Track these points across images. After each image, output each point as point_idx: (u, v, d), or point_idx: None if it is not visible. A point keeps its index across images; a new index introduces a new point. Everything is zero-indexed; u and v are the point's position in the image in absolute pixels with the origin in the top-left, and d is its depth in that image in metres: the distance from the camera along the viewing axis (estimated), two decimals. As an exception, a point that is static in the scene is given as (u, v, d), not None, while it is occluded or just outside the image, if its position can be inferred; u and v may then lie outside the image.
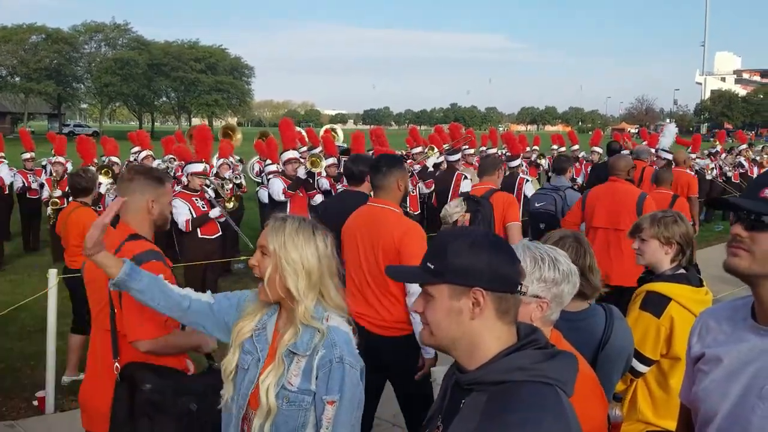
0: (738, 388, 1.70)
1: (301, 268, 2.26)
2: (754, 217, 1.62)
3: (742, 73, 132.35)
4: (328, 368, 2.23)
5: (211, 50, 73.42)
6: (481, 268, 1.58)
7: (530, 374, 1.53)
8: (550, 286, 2.05)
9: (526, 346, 1.59)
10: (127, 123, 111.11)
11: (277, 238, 2.29)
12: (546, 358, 1.57)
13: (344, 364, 2.23)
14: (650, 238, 3.20)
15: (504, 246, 1.66)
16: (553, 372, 1.54)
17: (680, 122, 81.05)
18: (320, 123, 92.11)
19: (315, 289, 2.29)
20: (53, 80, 61.64)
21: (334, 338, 2.26)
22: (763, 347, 1.68)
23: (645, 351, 3.02)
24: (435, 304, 1.63)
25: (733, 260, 1.67)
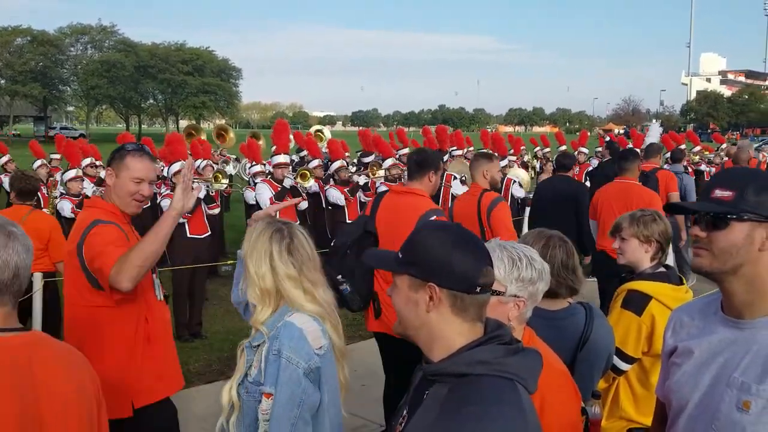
0: (708, 378, 1.77)
1: (255, 277, 2.34)
2: (709, 218, 1.72)
3: (727, 74, 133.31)
4: (267, 359, 2.27)
5: (198, 52, 73.14)
6: (440, 265, 1.60)
7: (491, 368, 1.55)
8: (527, 285, 2.07)
9: (490, 341, 1.61)
10: (114, 126, 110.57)
11: (243, 248, 2.42)
12: (509, 353, 1.59)
13: (281, 358, 2.24)
14: (630, 237, 3.24)
15: (473, 246, 1.65)
16: (515, 367, 1.57)
17: (666, 123, 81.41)
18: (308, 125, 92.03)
19: (268, 298, 2.34)
20: (39, 83, 61.22)
21: (279, 332, 2.28)
22: (732, 338, 1.75)
23: (627, 349, 3.05)
24: (398, 292, 1.69)
25: (696, 260, 1.78)
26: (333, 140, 11.81)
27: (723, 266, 1.72)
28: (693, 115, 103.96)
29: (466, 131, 57.98)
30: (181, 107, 73.42)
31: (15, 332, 1.80)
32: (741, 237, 1.68)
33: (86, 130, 65.80)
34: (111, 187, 3.33)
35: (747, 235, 1.68)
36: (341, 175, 9.38)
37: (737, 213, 1.68)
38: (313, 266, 2.41)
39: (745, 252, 1.69)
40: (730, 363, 1.72)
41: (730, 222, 1.69)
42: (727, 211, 1.69)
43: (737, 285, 1.72)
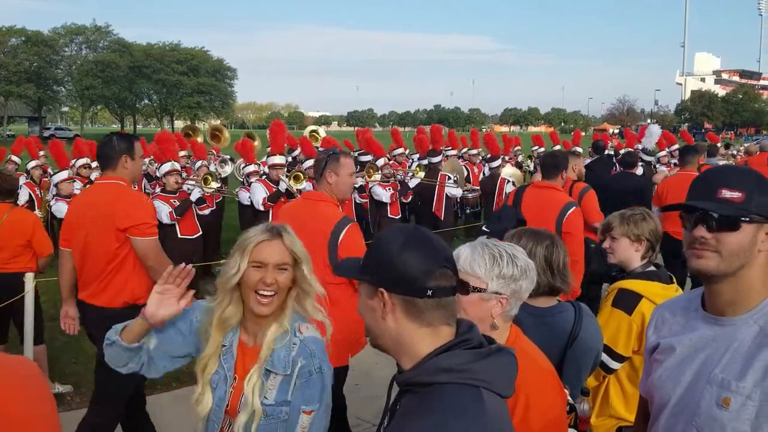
0: (689, 375, 1.79)
1: (306, 257, 2.34)
2: (718, 218, 1.68)
3: (722, 74, 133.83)
4: (307, 378, 2.25)
5: (193, 52, 73.17)
6: (388, 268, 1.52)
7: (455, 376, 1.48)
8: (509, 282, 2.07)
9: (456, 346, 1.52)
10: (109, 126, 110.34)
11: (300, 246, 2.34)
12: (476, 358, 1.51)
13: (323, 373, 2.26)
14: (620, 236, 3.26)
15: (425, 246, 1.55)
16: (483, 373, 1.49)
17: (661, 122, 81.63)
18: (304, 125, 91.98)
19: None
20: (33, 83, 61.19)
21: (312, 348, 2.28)
22: (713, 335, 1.77)
23: (617, 348, 3.06)
24: (360, 300, 1.63)
25: (699, 262, 1.73)
26: (328, 138, 11.76)
27: (729, 268, 1.70)
28: (687, 114, 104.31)
29: (461, 131, 58.05)
30: (176, 107, 73.43)
31: None
32: (748, 239, 1.68)
33: (81, 131, 65.67)
34: (333, 184, 4.12)
35: (753, 236, 1.68)
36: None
37: (749, 214, 1.67)
38: None
39: (749, 253, 1.69)
40: (711, 360, 1.74)
41: (741, 224, 1.68)
42: (739, 213, 1.68)
43: (729, 286, 1.72)
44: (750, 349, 1.67)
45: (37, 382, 1.71)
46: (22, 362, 1.75)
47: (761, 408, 1.61)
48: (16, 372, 1.67)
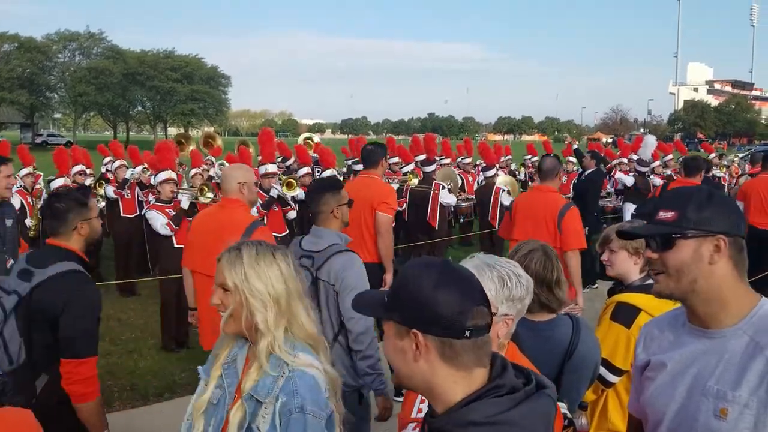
0: (683, 389, 1.82)
1: (268, 298, 2.11)
2: (657, 240, 1.80)
3: (714, 84, 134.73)
4: (287, 418, 2.03)
5: (187, 59, 73.10)
6: (422, 309, 1.41)
7: (486, 429, 1.37)
8: (516, 303, 2.05)
9: (487, 393, 1.41)
10: (102, 133, 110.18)
11: (237, 271, 2.12)
12: (509, 406, 1.39)
13: (305, 414, 2.03)
14: (619, 249, 3.24)
15: (460, 284, 1.45)
16: (516, 423, 1.38)
17: (654, 132, 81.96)
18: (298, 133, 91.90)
19: (284, 316, 2.14)
20: (26, 90, 60.98)
21: (296, 385, 2.05)
22: (703, 348, 1.81)
23: (615, 361, 3.04)
24: (386, 339, 1.52)
25: (656, 287, 1.87)
26: (324, 148, 11.72)
27: (679, 285, 1.79)
28: (680, 124, 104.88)
29: (455, 139, 58.10)
30: (170, 114, 73.31)
31: None
32: (689, 254, 1.76)
33: (74, 138, 65.50)
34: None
35: (694, 251, 1.76)
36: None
37: (681, 232, 1.76)
38: (303, 285, 2.26)
39: (696, 268, 1.76)
40: (704, 372, 1.78)
41: (675, 241, 1.77)
42: (670, 231, 1.78)
43: (696, 300, 1.79)
44: (742, 359, 1.71)
45: None
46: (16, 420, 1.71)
47: (758, 416, 1.65)
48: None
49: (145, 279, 9.01)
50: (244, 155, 10.78)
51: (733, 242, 1.77)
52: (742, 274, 1.80)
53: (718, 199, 1.81)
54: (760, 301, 1.79)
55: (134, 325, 8.06)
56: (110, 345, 7.23)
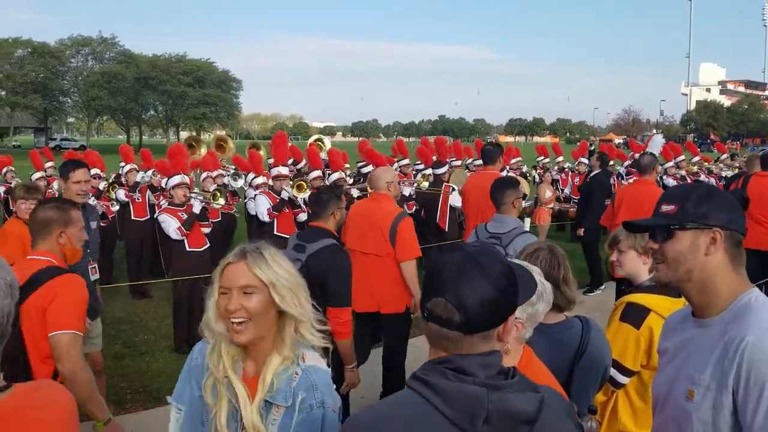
0: (672, 372, 1.96)
1: (296, 285, 2.14)
2: (658, 231, 1.93)
3: (727, 84, 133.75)
4: (308, 413, 2.05)
5: (198, 63, 73.40)
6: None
7: (416, 384, 1.53)
8: (525, 307, 2.06)
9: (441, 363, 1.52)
10: (115, 137, 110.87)
11: (266, 267, 2.10)
12: (448, 378, 1.49)
13: (326, 408, 2.06)
14: (627, 249, 3.23)
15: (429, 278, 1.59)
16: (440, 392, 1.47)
17: (667, 133, 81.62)
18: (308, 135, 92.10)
19: (308, 304, 2.16)
20: (39, 94, 61.42)
21: (314, 380, 2.08)
22: (693, 335, 1.93)
23: (625, 362, 3.03)
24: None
25: (657, 274, 2.00)
26: (334, 150, 11.77)
27: (676, 273, 1.91)
28: (693, 125, 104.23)
29: (465, 141, 58.04)
30: (182, 118, 73.63)
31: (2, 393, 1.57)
32: (686, 245, 1.88)
33: (87, 142, 65.91)
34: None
35: (692, 242, 1.88)
36: (339, 186, 9.32)
37: (679, 223, 1.89)
38: None
39: (693, 258, 1.88)
40: (688, 358, 1.91)
41: (674, 232, 1.90)
42: (670, 222, 1.91)
43: (692, 290, 1.92)
44: (710, 345, 1.83)
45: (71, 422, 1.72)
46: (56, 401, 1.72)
47: (716, 398, 1.76)
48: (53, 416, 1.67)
49: (157, 281, 9.06)
50: (254, 158, 10.81)
51: (730, 236, 1.88)
52: (738, 267, 1.90)
53: (717, 195, 1.92)
54: (747, 292, 1.88)
55: (147, 328, 8.10)
56: (123, 347, 7.27)
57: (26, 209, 5.71)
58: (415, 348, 5.84)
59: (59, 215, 3.49)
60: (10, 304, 1.57)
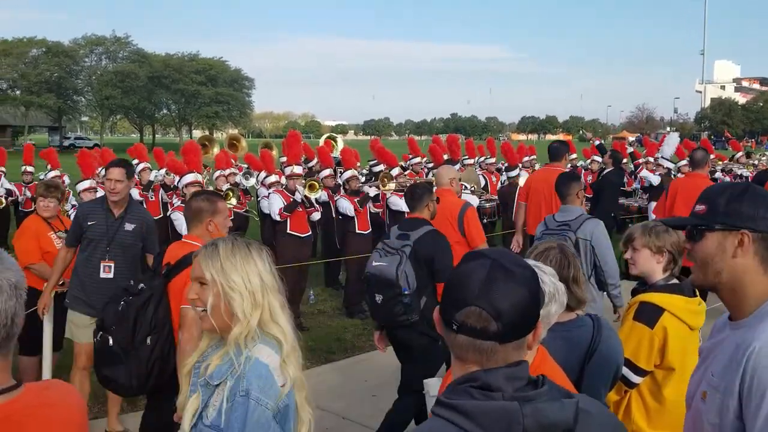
0: (701, 372, 1.93)
1: (244, 289, 2.15)
2: (690, 231, 1.89)
3: (742, 81, 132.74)
4: (232, 402, 2.05)
5: (211, 62, 73.76)
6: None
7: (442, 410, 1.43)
8: None
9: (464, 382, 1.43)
10: (128, 135, 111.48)
11: (214, 265, 2.16)
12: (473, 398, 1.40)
13: (249, 399, 2.03)
14: (641, 247, 3.20)
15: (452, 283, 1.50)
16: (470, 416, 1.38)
17: (681, 130, 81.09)
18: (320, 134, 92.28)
19: (259, 309, 2.16)
20: (54, 93, 61.90)
21: (245, 371, 2.08)
22: (722, 338, 1.89)
23: (639, 362, 3.01)
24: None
25: (691, 277, 1.96)
26: (346, 148, 11.78)
27: (705, 276, 1.87)
28: (707, 122, 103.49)
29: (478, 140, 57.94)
30: (195, 117, 74.02)
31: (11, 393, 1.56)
32: (714, 246, 1.83)
33: (100, 140, 66.35)
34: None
35: (719, 243, 1.82)
36: (352, 185, 9.33)
37: (708, 224, 1.84)
38: (277, 281, 2.27)
39: (720, 260, 1.82)
40: (714, 360, 1.88)
41: (704, 233, 1.85)
42: (698, 223, 1.87)
43: (723, 292, 1.86)
44: (729, 348, 1.80)
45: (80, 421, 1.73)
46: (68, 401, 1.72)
47: (723, 401, 1.73)
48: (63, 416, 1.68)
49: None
50: (266, 158, 10.84)
51: (761, 238, 1.80)
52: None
53: (752, 195, 1.83)
54: None
55: (158, 326, 8.12)
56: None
57: (44, 207, 5.78)
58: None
59: (209, 206, 3.99)
60: (15, 305, 1.56)
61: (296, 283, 7.96)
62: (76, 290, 5.11)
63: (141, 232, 5.15)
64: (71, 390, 1.76)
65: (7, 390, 1.56)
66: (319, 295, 9.49)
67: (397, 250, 4.59)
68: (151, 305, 3.61)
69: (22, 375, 5.64)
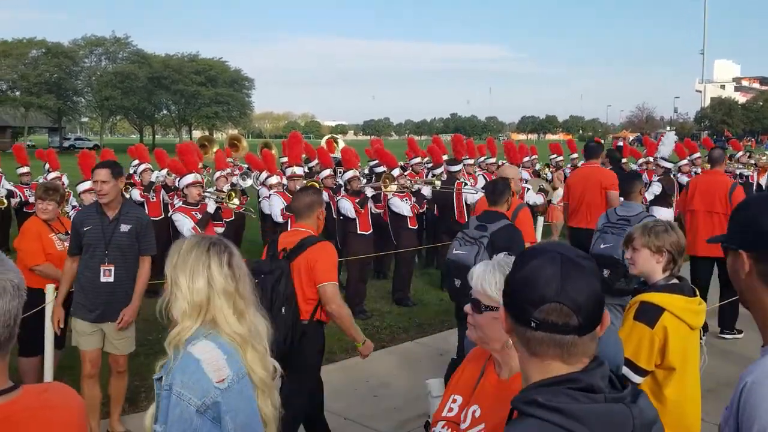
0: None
1: (186, 290, 2.17)
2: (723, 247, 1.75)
3: (742, 81, 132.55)
4: (165, 394, 2.11)
5: (211, 63, 73.70)
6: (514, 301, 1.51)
7: (544, 412, 1.40)
8: None
9: (562, 383, 1.43)
10: (128, 136, 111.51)
11: (170, 262, 2.23)
12: (576, 400, 1.40)
13: (171, 394, 2.07)
14: (641, 247, 3.22)
15: (531, 278, 1.47)
16: (577, 417, 1.37)
17: (681, 130, 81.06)
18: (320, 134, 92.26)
19: (197, 312, 2.17)
20: (53, 94, 61.85)
21: (175, 365, 2.13)
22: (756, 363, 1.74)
23: (639, 362, 3.02)
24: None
25: None
26: (347, 148, 11.77)
27: (739, 294, 1.73)
28: (707, 122, 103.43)
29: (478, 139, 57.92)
30: (195, 117, 73.99)
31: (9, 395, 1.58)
32: (731, 265, 1.71)
33: (100, 141, 66.34)
34: None
35: (734, 262, 1.70)
36: (353, 185, 9.25)
37: (724, 241, 1.73)
38: (249, 284, 2.29)
39: (737, 280, 1.70)
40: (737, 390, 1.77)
41: (727, 251, 1.72)
42: (721, 240, 1.75)
43: (752, 313, 1.73)
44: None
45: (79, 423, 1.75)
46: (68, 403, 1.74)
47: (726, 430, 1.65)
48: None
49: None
50: (267, 158, 10.84)
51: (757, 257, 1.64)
52: None
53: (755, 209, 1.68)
54: None
55: (160, 326, 8.10)
56: (137, 345, 7.29)
57: (43, 209, 5.79)
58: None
59: (318, 198, 4.61)
60: (18, 306, 1.58)
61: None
62: (79, 296, 5.13)
63: (136, 232, 5.15)
64: (70, 392, 1.77)
65: (5, 392, 1.57)
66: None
67: (476, 241, 5.09)
68: (282, 281, 4.19)
69: (23, 376, 5.67)
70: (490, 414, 2.03)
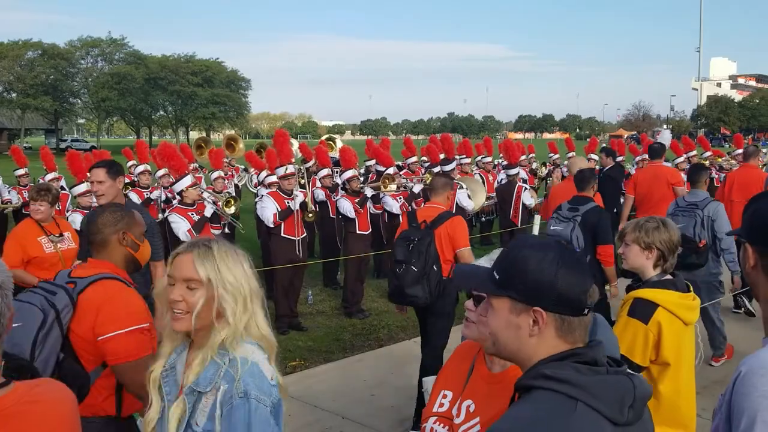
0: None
1: (238, 292, 2.11)
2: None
3: (738, 78, 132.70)
4: (230, 406, 2.01)
5: (207, 63, 73.59)
6: (544, 288, 1.50)
7: (553, 383, 1.45)
8: None
9: (567, 358, 1.49)
10: (125, 137, 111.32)
11: (210, 265, 2.10)
12: (585, 372, 1.47)
13: (250, 399, 2.00)
14: (632, 242, 3.25)
15: (578, 265, 1.55)
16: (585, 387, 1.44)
17: (677, 128, 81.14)
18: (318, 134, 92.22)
19: (248, 313, 2.13)
20: (50, 96, 61.75)
21: (238, 372, 2.03)
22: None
23: (634, 358, 3.04)
24: (496, 315, 1.59)
25: None
26: (346, 148, 11.76)
27: (749, 284, 1.79)
28: (704, 119, 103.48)
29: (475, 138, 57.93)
30: (191, 118, 73.90)
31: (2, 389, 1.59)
32: (742, 257, 1.75)
33: (97, 142, 66.24)
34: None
35: (744, 254, 1.74)
36: (352, 185, 9.15)
37: (740, 235, 1.76)
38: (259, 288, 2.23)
39: (747, 272, 1.75)
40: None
41: (743, 244, 1.75)
42: (737, 232, 1.80)
43: (760, 305, 1.78)
44: None
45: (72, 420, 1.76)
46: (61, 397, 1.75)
47: (719, 422, 1.69)
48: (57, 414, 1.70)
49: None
50: (270, 157, 10.81)
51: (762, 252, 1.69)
52: None
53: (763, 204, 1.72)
54: None
55: (157, 328, 8.12)
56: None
57: (36, 209, 5.80)
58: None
59: (449, 182, 5.63)
60: (3, 303, 1.60)
61: (290, 283, 7.98)
62: None
63: None
64: (62, 387, 1.78)
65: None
66: (317, 296, 9.50)
67: (570, 219, 6.11)
68: (432, 245, 5.09)
69: None
70: (484, 408, 2.05)
